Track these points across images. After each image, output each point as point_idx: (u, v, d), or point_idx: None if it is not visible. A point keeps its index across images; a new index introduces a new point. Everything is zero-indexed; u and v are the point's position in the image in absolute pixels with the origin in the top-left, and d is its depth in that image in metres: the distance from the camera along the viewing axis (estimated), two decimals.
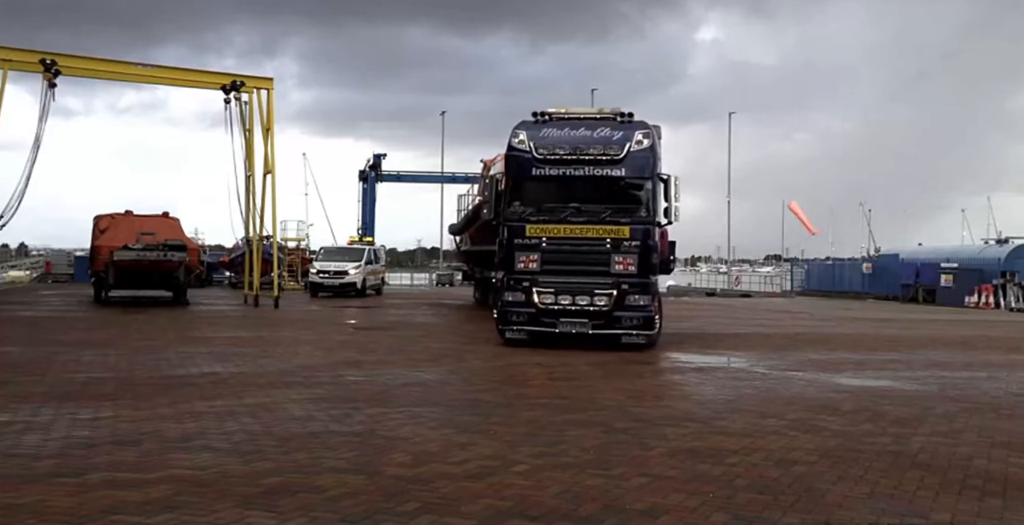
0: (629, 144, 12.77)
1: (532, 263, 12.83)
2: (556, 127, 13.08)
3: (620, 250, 12.61)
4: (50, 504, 4.40)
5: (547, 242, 12.82)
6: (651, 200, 12.80)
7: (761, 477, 5.29)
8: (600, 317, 12.61)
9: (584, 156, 12.76)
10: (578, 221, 12.76)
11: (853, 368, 11.50)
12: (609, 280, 12.56)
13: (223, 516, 4.28)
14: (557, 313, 12.68)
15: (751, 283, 52.90)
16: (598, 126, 13.01)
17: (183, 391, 8.30)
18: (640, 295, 12.61)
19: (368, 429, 6.60)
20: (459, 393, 8.72)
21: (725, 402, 8.33)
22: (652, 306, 12.72)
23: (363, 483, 4.94)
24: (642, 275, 12.67)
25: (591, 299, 12.56)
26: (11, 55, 20.19)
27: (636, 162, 12.82)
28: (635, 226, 12.70)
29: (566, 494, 4.81)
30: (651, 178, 12.82)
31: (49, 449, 5.71)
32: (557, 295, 12.65)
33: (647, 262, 12.69)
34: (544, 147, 12.93)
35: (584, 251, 12.69)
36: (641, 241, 12.63)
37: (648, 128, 13.02)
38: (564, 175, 12.93)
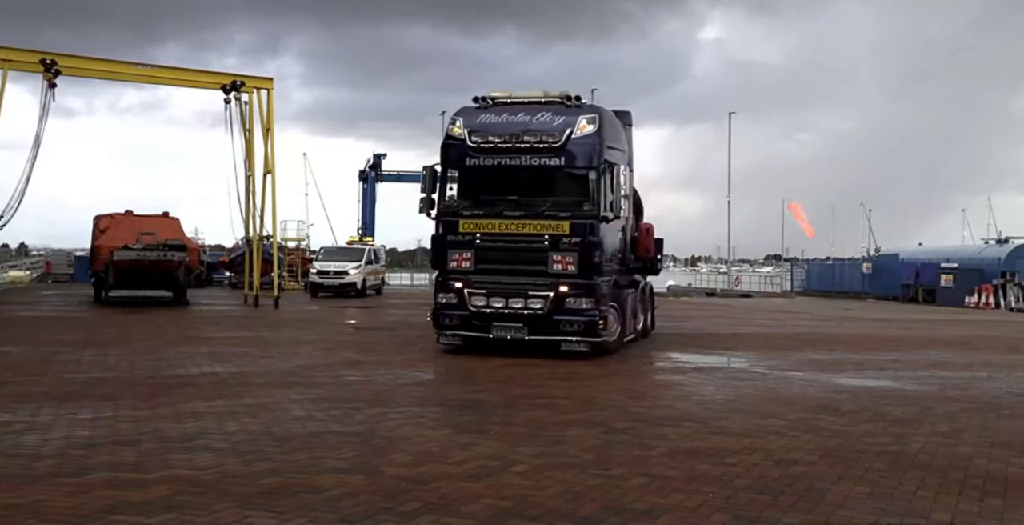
0: (570, 130, 11.46)
1: (465, 262, 11.70)
2: (495, 113, 11.89)
3: (559, 248, 11.32)
4: (50, 504, 4.40)
5: (481, 238, 11.65)
6: (597, 193, 11.42)
7: (761, 477, 5.29)
8: (536, 321, 11.42)
9: (520, 144, 11.52)
10: (514, 215, 11.54)
11: (853, 368, 11.50)
12: (547, 281, 11.35)
13: (223, 516, 4.28)
14: (490, 316, 11.55)
15: (751, 283, 52.89)
16: (540, 111, 11.78)
17: (183, 391, 8.30)
18: (582, 297, 11.32)
19: (368, 429, 6.60)
20: (459, 393, 8.72)
21: (725, 402, 8.33)
22: (597, 310, 11.37)
23: (363, 483, 4.94)
24: (585, 275, 11.34)
25: (525, 301, 11.38)
26: (11, 55, 20.19)
27: (578, 150, 11.49)
28: (576, 221, 11.35)
29: (566, 494, 4.81)
30: (595, 168, 11.45)
31: (49, 449, 5.71)
32: (489, 297, 11.51)
33: (588, 261, 11.32)
34: (479, 135, 11.73)
35: (520, 249, 11.48)
36: (582, 238, 11.30)
37: (595, 113, 11.76)
38: (500, 165, 11.71)
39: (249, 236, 25.23)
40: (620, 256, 12.71)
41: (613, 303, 12.04)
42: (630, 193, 12.35)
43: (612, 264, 12.13)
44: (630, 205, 12.45)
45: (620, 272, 12.75)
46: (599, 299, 11.48)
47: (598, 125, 11.58)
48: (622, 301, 12.47)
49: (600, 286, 11.53)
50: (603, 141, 11.61)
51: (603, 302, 11.60)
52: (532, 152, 11.53)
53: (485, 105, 12.08)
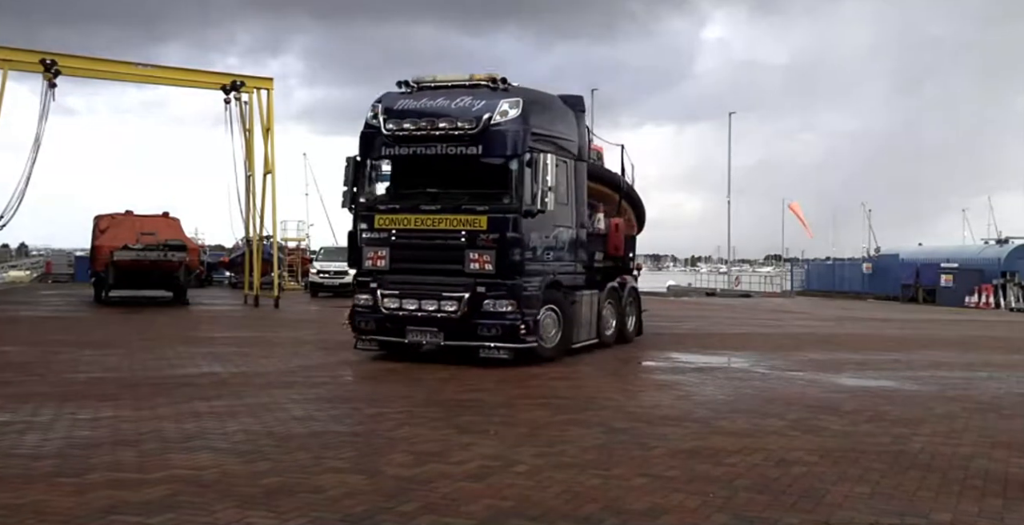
0: (489, 116, 10.39)
1: (380, 260, 10.81)
2: (415, 98, 10.96)
3: (476, 245, 10.30)
4: (51, 504, 4.40)
5: (397, 235, 10.75)
6: (519, 184, 10.37)
7: (761, 477, 5.29)
8: (452, 326, 10.43)
9: (436, 131, 10.54)
10: (430, 210, 10.61)
11: (853, 368, 11.49)
12: (464, 281, 10.37)
13: (223, 516, 4.28)
14: (404, 320, 10.60)
15: (751, 283, 52.90)
16: (461, 95, 10.77)
17: (183, 391, 8.30)
18: (502, 299, 10.30)
19: (368, 429, 6.60)
20: (459, 393, 8.71)
21: (725, 402, 8.32)
22: (519, 313, 10.31)
23: (363, 483, 4.94)
24: (504, 275, 10.29)
25: (439, 304, 10.41)
26: (11, 55, 20.18)
27: (497, 138, 10.44)
28: (494, 216, 10.31)
29: (566, 494, 4.81)
30: (517, 157, 10.39)
31: (49, 449, 5.71)
32: (403, 299, 10.60)
33: (507, 259, 10.27)
34: (394, 122, 10.78)
35: (437, 246, 10.54)
36: (501, 234, 10.25)
37: (518, 97, 10.64)
38: (416, 155, 10.79)
39: (249, 236, 25.23)
40: (566, 254, 11.59)
41: (551, 306, 11.01)
42: (575, 185, 11.58)
43: (547, 263, 11.03)
44: (575, 198, 11.68)
45: (567, 272, 11.64)
46: (521, 301, 10.41)
47: (521, 110, 10.53)
48: (563, 304, 11.28)
49: (523, 287, 10.46)
50: (527, 128, 10.54)
51: (529, 305, 10.50)
52: (448, 140, 10.55)
53: (409, 90, 11.14)
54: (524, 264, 10.48)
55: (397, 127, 10.78)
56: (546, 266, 11.03)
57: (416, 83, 11.14)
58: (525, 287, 10.51)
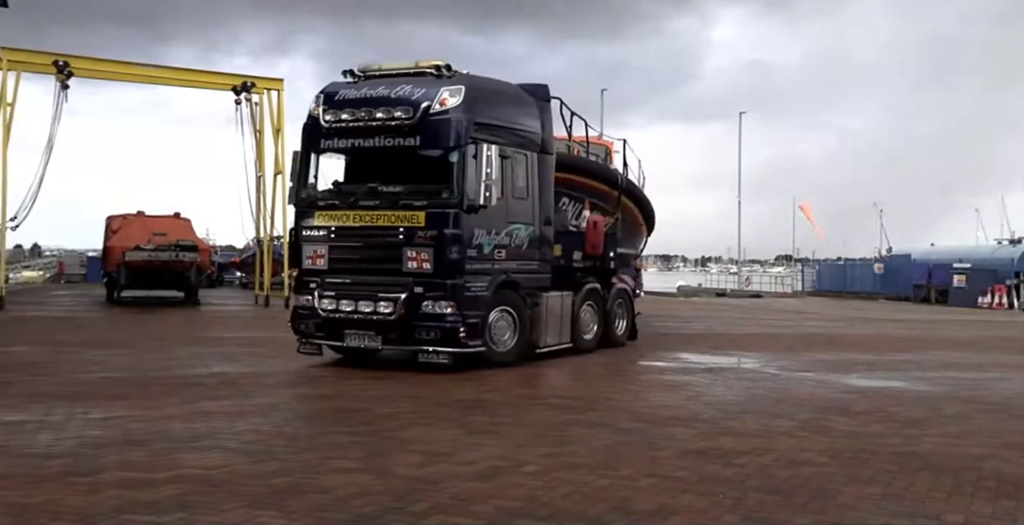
0: (428, 105, 9.76)
1: (319, 259, 10.28)
2: (356, 88, 10.38)
3: (414, 242, 9.71)
4: (62, 503, 4.42)
5: (336, 233, 10.23)
6: (461, 177, 9.72)
7: (772, 478, 5.27)
8: (389, 328, 9.83)
9: (373, 122, 9.94)
10: (369, 206, 10.03)
11: (864, 369, 11.43)
12: (402, 281, 9.79)
13: (233, 516, 4.29)
14: (341, 322, 10.06)
15: (762, 283, 52.68)
16: (401, 84, 10.14)
17: (193, 391, 8.34)
18: (440, 300, 9.68)
19: (376, 429, 6.61)
20: (468, 393, 8.72)
21: (735, 403, 8.30)
22: (459, 315, 9.68)
23: (372, 483, 4.95)
24: (443, 274, 9.69)
25: (375, 305, 9.82)
26: (24, 57, 20.32)
27: (435, 128, 9.81)
28: (432, 211, 9.71)
29: (575, 495, 4.80)
30: (457, 149, 9.76)
31: (61, 448, 5.75)
32: (339, 300, 10.06)
33: (446, 257, 9.65)
34: (332, 113, 10.22)
35: (375, 244, 9.98)
36: (439, 231, 9.63)
37: (461, 84, 10.00)
38: (354, 147, 10.30)
39: (260, 237, 25.32)
40: (526, 252, 10.83)
41: (505, 308, 10.37)
42: (539, 179, 10.98)
43: (498, 262, 10.31)
44: (538, 193, 11.01)
45: (527, 271, 10.90)
46: (463, 303, 9.74)
47: (463, 98, 9.86)
48: (520, 305, 10.57)
49: (465, 287, 9.81)
50: (469, 117, 9.89)
51: (472, 306, 9.84)
52: (385, 131, 9.95)
53: (355, 79, 10.54)
54: (466, 263, 9.82)
55: (335, 118, 10.20)
56: (497, 265, 10.30)
57: (363, 72, 10.51)
58: (468, 287, 9.86)
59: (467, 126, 9.87)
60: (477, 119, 10.02)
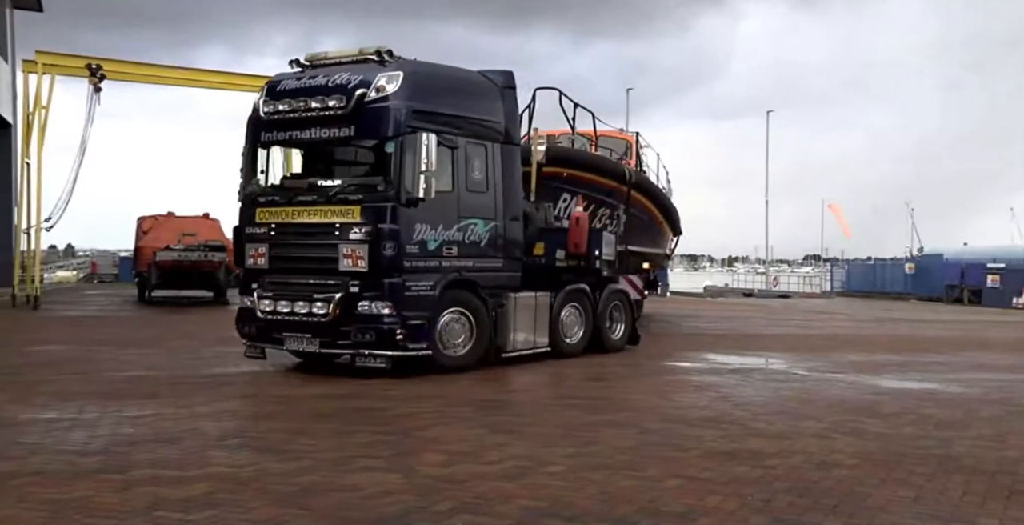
0: (363, 92, 9.16)
1: (260, 258, 9.79)
2: (297, 78, 9.88)
3: (349, 239, 9.17)
4: (96, 500, 4.49)
5: (276, 230, 9.71)
6: (399, 169, 9.11)
7: (801, 480, 5.21)
8: (325, 330, 9.26)
9: (308, 112, 9.44)
10: (306, 201, 9.55)
11: (895, 370, 11.27)
12: (338, 280, 9.25)
13: (261, 513, 4.33)
14: (279, 324, 9.56)
15: (789, 283, 52.14)
16: (341, 72, 9.57)
17: (222, 389, 8.43)
18: (377, 301, 9.10)
19: (400, 428, 6.63)
20: (492, 393, 8.73)
21: (763, 404, 8.21)
22: (397, 316, 9.09)
23: (398, 482, 4.97)
24: (379, 272, 9.12)
25: (310, 306, 9.30)
26: (59, 61, 20.71)
27: (370, 117, 9.22)
28: (367, 206, 9.14)
29: (601, 495, 4.78)
30: (394, 139, 9.15)
31: (95, 446, 5.85)
32: (277, 300, 9.57)
33: (381, 254, 9.04)
34: (271, 104, 9.75)
35: (312, 242, 9.47)
36: (373, 226, 9.06)
37: (399, 70, 9.36)
38: (291, 139, 9.86)
39: None
40: (488, 249, 10.16)
41: (458, 309, 9.78)
42: (503, 171, 10.32)
43: (448, 259, 9.68)
44: (501, 186, 10.31)
45: (488, 269, 10.21)
46: (402, 303, 9.15)
47: (400, 84, 9.24)
48: (477, 306, 9.94)
49: (404, 286, 9.21)
50: (407, 104, 9.27)
51: (414, 306, 9.24)
52: (320, 122, 9.44)
53: (302, 69, 10.02)
54: (405, 260, 9.22)
55: (272, 110, 9.75)
56: (447, 263, 9.67)
57: (309, 61, 10.00)
58: (408, 286, 9.26)
59: (405, 114, 9.24)
60: (417, 107, 9.36)
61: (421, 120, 9.35)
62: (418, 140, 9.10)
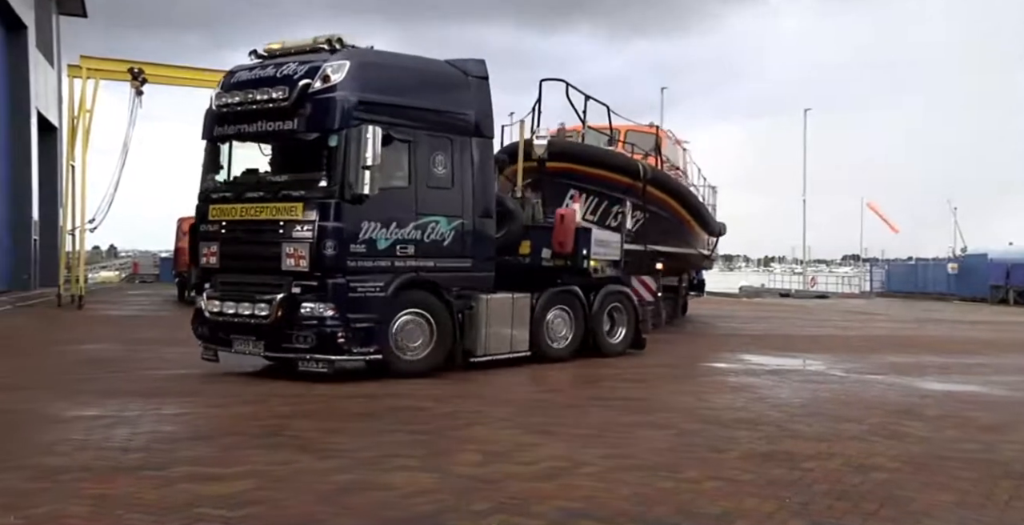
0: (307, 83, 8.75)
1: (212, 257, 9.48)
2: (250, 69, 9.52)
3: (292, 237, 8.77)
4: (138, 496, 4.58)
5: (226, 228, 9.34)
6: (343, 165, 8.68)
7: (840, 483, 5.12)
8: (268, 333, 8.87)
9: (253, 105, 9.10)
10: (253, 198, 9.18)
11: (937, 372, 11.04)
12: (280, 280, 8.85)
13: (299, 511, 4.38)
14: (226, 326, 9.23)
15: (828, 284, 51.36)
16: (291, 62, 9.17)
17: (260, 388, 8.54)
18: (318, 302, 8.66)
19: (435, 428, 6.66)
20: (528, 393, 8.73)
21: (801, 405, 8.10)
22: (339, 319, 8.64)
23: (433, 481, 4.99)
24: (321, 272, 8.70)
25: (253, 308, 8.91)
26: (103, 65, 21.19)
27: (313, 109, 8.81)
28: (310, 202, 8.73)
29: (636, 496, 4.75)
30: (338, 132, 8.72)
31: (137, 443, 5.96)
32: (224, 301, 9.22)
33: (323, 253, 8.63)
34: (221, 97, 9.45)
35: (258, 240, 9.10)
36: (315, 224, 8.68)
37: (348, 59, 8.91)
38: (240, 133, 9.48)
39: None
40: (454, 248, 9.61)
41: (416, 310, 9.25)
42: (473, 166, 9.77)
43: (404, 258, 9.17)
44: (470, 181, 9.76)
45: (453, 269, 9.65)
46: (347, 304, 8.69)
47: (347, 74, 8.79)
48: (437, 308, 9.38)
49: (349, 287, 8.76)
50: (352, 95, 8.81)
51: (360, 308, 8.78)
52: (265, 115, 9.09)
53: (260, 60, 9.62)
54: (349, 260, 8.78)
55: (222, 103, 9.43)
56: (401, 263, 9.15)
57: (268, 52, 9.61)
58: (354, 287, 8.79)
59: (350, 106, 8.77)
60: (365, 98, 8.88)
61: (369, 112, 8.86)
62: (362, 133, 8.64)
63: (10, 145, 27.40)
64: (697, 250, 18.16)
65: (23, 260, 27.91)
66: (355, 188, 8.66)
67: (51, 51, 33.22)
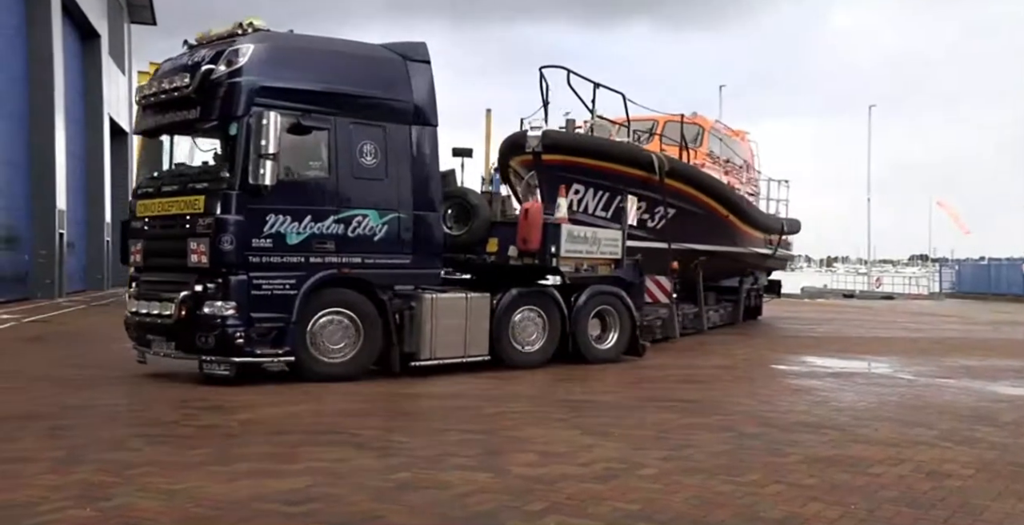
0: (209, 69, 8.32)
1: (137, 254, 9.20)
2: (173, 59, 9.22)
3: (196, 232, 8.35)
4: (204, 490, 4.70)
5: (148, 224, 9.04)
6: (243, 154, 8.20)
7: (909, 489, 4.95)
8: (175, 333, 8.48)
9: (161, 95, 8.80)
10: (168, 192, 8.82)
11: (1013, 376, 10.60)
12: (186, 278, 8.46)
13: (359, 508, 4.43)
14: (146, 327, 8.88)
15: (894, 284, 49.83)
16: (203, 50, 8.76)
17: (317, 386, 8.65)
18: (217, 301, 8.16)
19: (491, 427, 6.67)
20: (581, 394, 8.68)
21: (866, 409, 7.87)
22: (240, 318, 8.14)
23: (490, 481, 4.99)
24: (221, 268, 8.23)
25: (161, 307, 8.57)
26: None
27: (213, 96, 8.37)
28: (210, 195, 8.31)
29: (695, 499, 4.67)
30: (236, 119, 8.26)
31: (203, 438, 6.11)
32: (139, 300, 8.93)
33: (219, 248, 8.17)
34: (142, 89, 9.21)
35: (169, 235, 8.75)
36: (214, 217, 8.22)
37: (252, 42, 8.46)
38: (156, 125, 9.15)
39: None
40: (391, 245, 9.05)
41: (340, 310, 8.72)
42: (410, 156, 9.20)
43: (323, 254, 8.62)
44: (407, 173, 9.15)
45: (390, 266, 9.06)
46: (250, 302, 8.20)
47: (248, 58, 8.31)
48: (364, 309, 8.82)
49: (253, 284, 8.25)
50: (253, 80, 8.32)
51: (266, 307, 8.27)
52: (173, 105, 8.73)
53: (190, 50, 9.20)
54: (252, 255, 8.28)
55: (140, 95, 9.19)
56: (319, 259, 8.60)
57: (197, 40, 9.15)
58: (258, 285, 8.28)
59: (252, 91, 8.29)
60: (269, 83, 8.41)
61: (275, 97, 8.39)
62: (259, 119, 8.12)
63: (85, 149, 28.60)
64: (749, 249, 17.22)
65: (96, 261, 29.10)
66: (254, 179, 8.13)
67: (122, 58, 34.52)
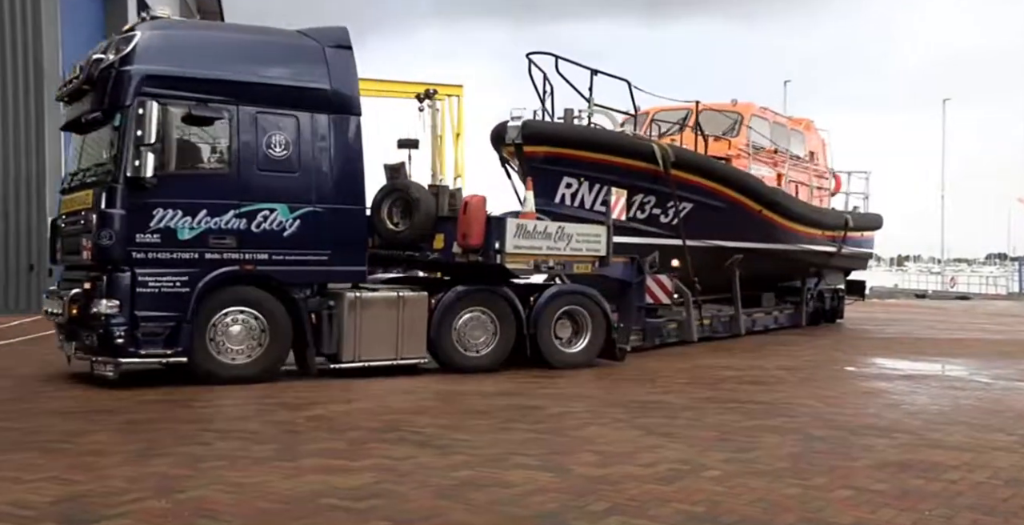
0: (99, 58, 8.07)
1: (59, 252, 9.01)
2: None
3: (87, 228, 8.09)
4: (271, 485, 4.82)
5: (65, 221, 8.83)
6: (128, 146, 7.82)
7: (987, 496, 4.77)
8: (72, 332, 8.35)
9: (65, 88, 8.74)
10: (74, 187, 8.73)
11: None
12: (79, 275, 8.34)
13: (421, 505, 4.49)
14: (57, 326, 8.68)
15: (969, 284, 48.00)
16: (107, 41, 8.57)
17: (380, 385, 8.79)
18: (101, 298, 7.79)
19: (553, 427, 6.67)
20: (643, 394, 8.60)
21: (940, 413, 7.60)
22: (124, 317, 7.75)
23: (552, 481, 4.99)
24: (104, 264, 7.93)
25: (55, 305, 8.34)
26: None
27: (100, 86, 8.13)
28: (97, 189, 8.07)
29: (760, 502, 4.59)
30: (120, 109, 7.93)
31: (267, 434, 6.27)
32: (49, 298, 8.73)
33: (100, 243, 7.85)
34: (62, 86, 9.08)
35: (72, 232, 8.57)
36: (97, 211, 7.94)
37: (141, 29, 8.15)
38: (68, 120, 9.01)
39: None
40: (304, 240, 8.55)
41: (244, 309, 8.29)
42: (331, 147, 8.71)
43: (221, 250, 8.19)
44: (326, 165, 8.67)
45: (301, 262, 8.58)
46: (134, 300, 7.81)
47: (134, 46, 7.93)
48: (269, 307, 8.41)
49: (139, 281, 7.85)
50: (138, 69, 7.93)
51: (157, 305, 7.89)
52: (73, 98, 8.66)
53: None
54: (137, 251, 7.89)
55: (58, 92, 9.11)
56: (217, 255, 8.19)
57: None
58: (144, 282, 7.88)
59: (136, 80, 7.91)
60: (156, 71, 8.01)
61: (163, 86, 8.01)
62: (138, 109, 7.80)
63: None
64: (799, 246, 15.92)
65: None
66: (133, 171, 7.79)
67: None
